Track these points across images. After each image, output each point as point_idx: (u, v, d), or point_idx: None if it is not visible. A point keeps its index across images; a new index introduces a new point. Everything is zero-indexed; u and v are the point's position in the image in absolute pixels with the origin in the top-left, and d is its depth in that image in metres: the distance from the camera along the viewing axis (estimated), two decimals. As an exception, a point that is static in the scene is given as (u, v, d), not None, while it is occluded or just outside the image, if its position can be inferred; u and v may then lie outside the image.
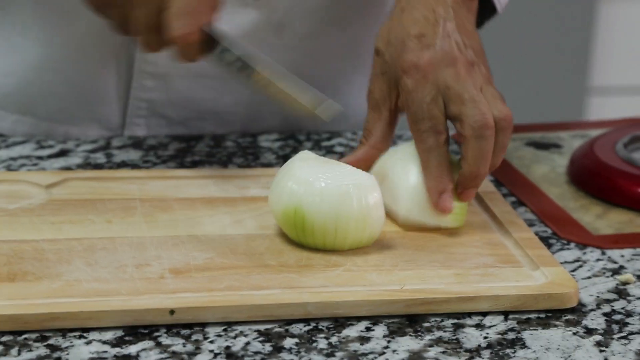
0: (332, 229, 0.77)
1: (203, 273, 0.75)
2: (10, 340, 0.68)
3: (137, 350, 0.68)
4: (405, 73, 0.82)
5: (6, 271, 0.73)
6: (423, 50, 0.81)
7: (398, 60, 0.82)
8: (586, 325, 0.73)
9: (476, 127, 0.79)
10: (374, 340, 0.70)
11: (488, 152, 0.80)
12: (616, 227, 0.88)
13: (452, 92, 0.80)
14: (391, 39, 0.84)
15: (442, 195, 0.81)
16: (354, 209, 0.77)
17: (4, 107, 1.03)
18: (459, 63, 0.81)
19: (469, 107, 0.79)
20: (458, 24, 0.83)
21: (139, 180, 0.89)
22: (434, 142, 0.81)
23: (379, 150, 0.86)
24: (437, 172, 0.81)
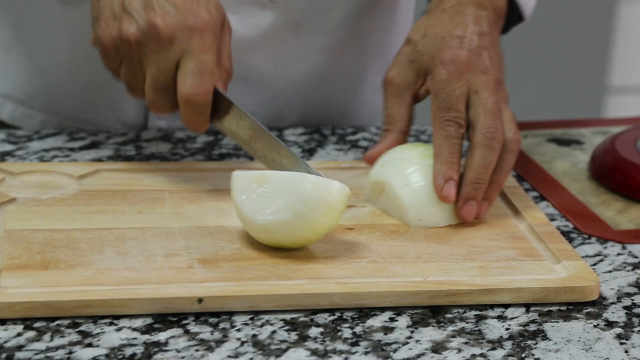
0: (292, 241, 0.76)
1: (231, 263, 0.75)
2: (43, 326, 0.68)
3: (166, 337, 0.68)
4: (443, 64, 0.83)
5: (39, 259, 0.74)
6: (462, 49, 0.83)
7: (436, 52, 0.84)
8: (607, 318, 0.73)
9: (487, 136, 0.80)
10: (398, 331, 0.70)
11: (491, 163, 0.81)
12: (637, 222, 0.87)
13: (479, 97, 0.82)
14: (429, 33, 0.85)
15: (448, 181, 0.80)
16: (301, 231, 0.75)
17: (32, 107, 1.04)
18: (490, 74, 0.83)
19: (487, 117, 0.81)
20: (492, 41, 0.86)
21: (168, 172, 0.89)
22: (453, 132, 0.81)
23: (406, 134, 0.86)
24: (449, 158, 0.81)
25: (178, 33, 0.79)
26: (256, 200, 0.75)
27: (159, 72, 0.80)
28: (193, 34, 0.79)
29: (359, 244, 0.79)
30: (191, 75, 0.79)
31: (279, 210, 0.74)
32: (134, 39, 0.79)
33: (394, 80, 0.86)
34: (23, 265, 0.73)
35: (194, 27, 0.79)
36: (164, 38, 0.79)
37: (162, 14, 0.79)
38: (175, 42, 0.79)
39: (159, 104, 0.82)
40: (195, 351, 0.67)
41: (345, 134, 1.04)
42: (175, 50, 0.79)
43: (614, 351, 0.69)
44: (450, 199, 0.80)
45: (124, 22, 0.79)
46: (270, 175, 0.75)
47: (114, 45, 0.81)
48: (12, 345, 0.67)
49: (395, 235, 0.80)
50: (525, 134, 1.06)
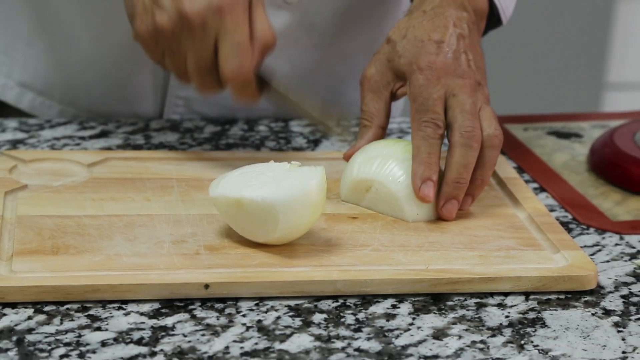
0: None
1: (237, 250, 0.74)
2: (53, 310, 0.68)
3: (173, 322, 0.68)
4: (420, 70, 0.83)
5: (50, 245, 0.74)
6: (440, 55, 0.83)
7: (414, 57, 0.83)
8: (604, 307, 0.73)
9: (465, 135, 0.80)
10: (400, 317, 0.70)
11: (471, 162, 0.80)
12: (634, 213, 0.87)
13: (456, 99, 0.82)
14: (408, 35, 0.85)
15: (426, 182, 0.80)
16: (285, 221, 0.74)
17: (51, 97, 1.04)
18: (467, 78, 0.83)
19: (465, 116, 0.81)
20: (472, 43, 0.85)
21: (176, 161, 0.89)
22: (431, 132, 0.81)
23: (384, 130, 0.86)
24: (427, 159, 0.80)
25: (208, 16, 0.78)
26: (242, 222, 0.74)
27: (199, 57, 0.80)
28: (223, 14, 0.78)
29: (362, 233, 0.78)
30: (229, 57, 0.79)
31: (267, 232, 0.73)
32: (168, 29, 0.79)
33: (372, 78, 0.86)
34: (34, 250, 0.73)
35: (222, 8, 0.78)
36: (196, 24, 0.78)
37: (189, 1, 0.78)
38: (207, 26, 0.78)
39: (206, 85, 0.82)
40: (202, 336, 0.67)
41: (349, 126, 1.03)
42: (208, 33, 0.78)
43: (611, 339, 0.69)
44: (429, 199, 0.80)
45: (156, 15, 0.79)
46: (244, 200, 0.72)
47: (153, 38, 0.80)
48: (23, 328, 0.66)
49: (398, 224, 0.80)
50: (526, 126, 1.05)
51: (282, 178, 0.74)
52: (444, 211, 0.80)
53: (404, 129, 1.02)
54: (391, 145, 0.83)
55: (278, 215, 0.72)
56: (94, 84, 1.02)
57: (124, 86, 1.02)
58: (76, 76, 1.02)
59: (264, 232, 0.73)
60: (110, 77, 1.02)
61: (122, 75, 1.02)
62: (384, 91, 0.86)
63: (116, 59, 1.01)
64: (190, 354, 0.65)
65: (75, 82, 1.03)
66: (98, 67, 1.01)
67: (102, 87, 1.03)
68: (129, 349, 0.65)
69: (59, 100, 1.04)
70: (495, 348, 0.67)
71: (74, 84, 1.03)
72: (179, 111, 1.03)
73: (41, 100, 1.04)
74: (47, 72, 1.03)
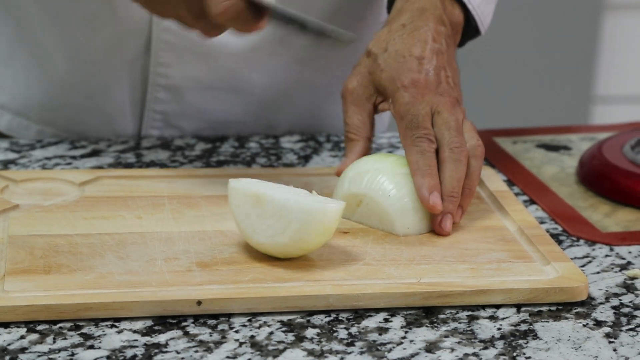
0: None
1: (229, 266, 0.74)
2: (46, 329, 0.68)
3: (166, 339, 0.68)
4: (404, 88, 0.83)
5: (42, 264, 0.73)
6: (422, 73, 0.84)
7: (397, 73, 0.84)
8: (595, 318, 0.73)
9: (454, 151, 0.81)
10: (392, 331, 0.70)
11: (462, 176, 0.81)
12: (624, 225, 0.87)
13: (441, 117, 0.83)
14: (389, 49, 0.85)
15: (433, 192, 0.80)
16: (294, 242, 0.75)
17: (28, 118, 1.04)
18: (448, 96, 0.84)
19: (452, 133, 0.82)
20: (448, 58, 0.86)
21: (167, 179, 0.89)
22: (427, 147, 0.82)
23: (370, 142, 0.86)
24: (428, 171, 0.81)
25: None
26: (252, 219, 0.75)
27: (187, 6, 0.78)
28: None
29: (354, 247, 0.78)
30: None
31: (275, 234, 0.74)
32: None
33: (354, 91, 0.86)
34: (26, 269, 0.73)
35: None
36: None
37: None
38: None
39: (207, 29, 0.80)
40: (195, 352, 0.67)
41: (339, 141, 1.04)
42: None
43: (602, 350, 0.69)
44: (438, 209, 0.80)
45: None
46: (265, 196, 0.74)
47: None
48: (16, 348, 0.66)
49: (389, 238, 0.80)
50: (515, 140, 1.06)
51: (303, 196, 0.75)
52: (442, 226, 0.81)
53: (394, 144, 1.03)
54: (382, 160, 0.83)
55: (293, 220, 0.72)
56: (71, 102, 1.02)
57: (101, 103, 1.02)
58: (53, 95, 1.02)
59: (272, 233, 0.73)
60: (87, 95, 1.02)
61: (99, 92, 1.01)
62: (366, 104, 0.86)
63: (92, 76, 1.00)
64: (183, 370, 0.65)
65: (53, 102, 1.03)
66: (74, 86, 1.01)
67: (79, 105, 1.02)
68: (122, 366, 0.65)
69: (36, 120, 1.04)
70: (487, 360, 0.67)
71: (51, 104, 1.03)
72: (157, 126, 1.03)
73: (19, 120, 1.04)
74: (25, 93, 1.03)
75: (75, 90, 1.02)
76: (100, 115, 1.03)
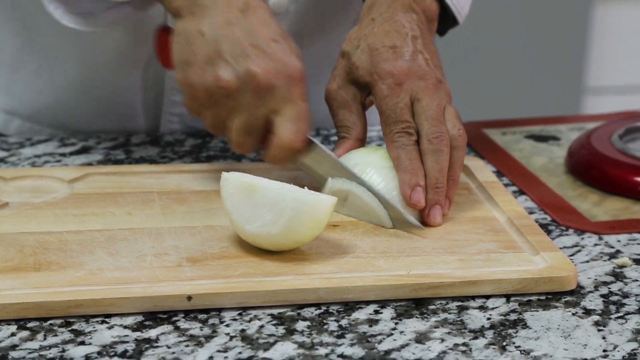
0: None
1: (219, 261, 0.75)
2: (36, 326, 0.68)
3: (157, 334, 0.68)
4: (381, 79, 0.83)
5: (32, 261, 0.73)
6: (397, 60, 0.83)
7: (372, 66, 0.83)
8: (585, 307, 0.73)
9: (433, 142, 0.81)
10: (382, 323, 0.70)
11: (444, 166, 0.81)
12: (612, 213, 0.88)
13: (420, 105, 0.82)
14: (361, 45, 0.85)
15: (415, 188, 0.80)
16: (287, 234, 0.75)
17: (39, 122, 1.03)
18: (429, 77, 0.83)
19: (430, 123, 0.81)
20: (425, 42, 0.85)
21: (156, 175, 0.89)
22: (406, 141, 0.81)
23: (362, 142, 0.86)
24: (410, 166, 0.81)
25: (278, 82, 0.78)
26: (244, 209, 0.75)
27: (253, 117, 0.79)
28: (293, 83, 0.78)
29: (344, 240, 0.78)
30: (293, 122, 0.79)
31: (267, 223, 0.74)
32: (232, 86, 0.78)
33: (337, 94, 0.86)
34: (16, 267, 0.73)
35: (293, 77, 0.78)
36: (264, 86, 0.78)
37: (259, 63, 0.77)
38: (275, 91, 0.78)
39: (246, 145, 0.81)
40: (186, 347, 0.67)
41: (329, 135, 1.04)
42: (275, 98, 0.78)
43: (592, 338, 0.69)
44: (421, 205, 0.80)
45: (221, 69, 0.78)
46: (258, 185, 0.74)
47: (207, 90, 0.79)
48: (6, 345, 0.66)
49: (379, 231, 0.80)
50: (504, 131, 1.06)
51: (297, 189, 0.75)
52: (430, 218, 0.81)
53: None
54: (370, 153, 0.83)
55: (286, 209, 0.72)
56: (83, 105, 1.02)
57: (113, 106, 1.02)
58: (64, 99, 1.02)
59: (263, 223, 0.73)
60: (100, 98, 1.01)
61: (111, 95, 1.01)
62: (353, 104, 0.86)
63: (104, 79, 1.00)
64: (174, 365, 0.65)
65: (64, 105, 1.02)
66: (86, 89, 1.01)
67: (91, 108, 1.02)
68: (113, 362, 0.65)
69: (48, 124, 1.03)
70: (477, 350, 0.67)
71: (63, 107, 1.02)
72: (174, 128, 1.03)
73: (29, 125, 1.04)
74: (35, 97, 1.02)
75: (86, 94, 1.01)
76: (113, 117, 1.02)
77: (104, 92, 1.01)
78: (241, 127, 0.80)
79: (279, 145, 0.80)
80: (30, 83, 1.02)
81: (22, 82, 1.02)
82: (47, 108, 1.03)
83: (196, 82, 0.79)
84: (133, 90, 1.01)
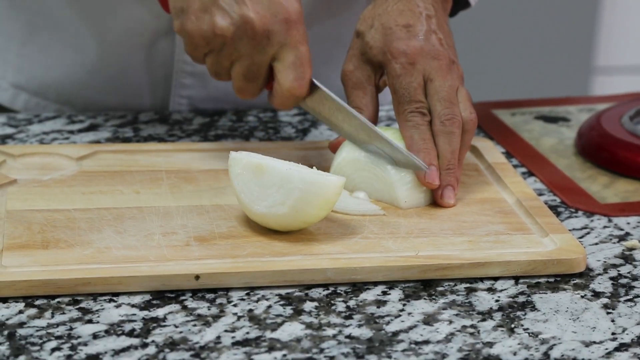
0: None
1: (227, 240, 0.74)
2: (44, 304, 0.68)
3: (164, 313, 0.68)
4: (395, 58, 0.82)
5: (40, 239, 0.73)
6: (411, 39, 0.82)
7: (386, 45, 0.83)
8: (594, 289, 0.73)
9: (446, 124, 0.80)
10: (390, 304, 0.70)
11: (456, 147, 0.80)
12: (622, 196, 0.87)
13: (433, 86, 0.81)
14: (375, 24, 0.84)
15: (429, 167, 0.80)
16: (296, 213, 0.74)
17: (46, 98, 1.03)
18: (442, 58, 0.82)
19: (443, 104, 0.81)
20: (439, 22, 0.84)
21: (165, 153, 0.89)
22: (420, 120, 0.81)
23: (374, 123, 0.85)
24: (424, 145, 0.80)
25: (274, 27, 0.77)
26: (252, 189, 0.74)
27: (253, 64, 0.78)
28: (290, 27, 0.77)
29: (352, 221, 0.78)
30: (292, 68, 0.78)
31: (275, 204, 0.73)
32: (228, 33, 0.77)
33: (352, 75, 0.85)
34: (24, 244, 0.72)
35: (290, 20, 0.77)
36: (260, 32, 0.77)
37: (255, 8, 0.77)
38: (272, 36, 0.77)
39: (247, 90, 0.81)
40: (193, 326, 0.66)
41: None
42: (272, 43, 0.77)
43: (600, 320, 0.69)
44: (435, 184, 0.80)
45: (216, 16, 0.77)
46: (266, 166, 0.74)
47: (204, 38, 0.78)
48: (14, 323, 0.66)
49: (387, 211, 0.80)
50: (514, 112, 1.05)
51: (306, 169, 0.74)
52: (444, 199, 0.80)
53: (392, 117, 1.02)
54: None
55: (294, 190, 0.72)
56: (91, 82, 1.02)
57: (120, 84, 1.01)
58: (71, 75, 1.01)
59: (271, 203, 0.73)
60: (107, 75, 1.01)
61: (118, 73, 1.01)
62: (367, 86, 0.85)
63: (112, 56, 1.00)
64: (181, 344, 0.65)
65: (71, 82, 1.02)
66: (95, 66, 1.00)
67: (98, 85, 1.02)
68: (120, 340, 0.65)
69: (55, 99, 1.03)
70: (485, 332, 0.67)
71: (70, 83, 1.02)
72: (182, 109, 1.03)
73: (36, 100, 1.03)
74: (42, 73, 1.02)
75: (95, 71, 1.01)
76: (121, 95, 1.02)
77: (112, 69, 1.00)
78: (241, 74, 0.79)
79: (280, 92, 0.79)
80: (39, 58, 1.02)
81: (31, 57, 1.02)
82: (55, 84, 1.02)
83: (193, 30, 0.78)
84: (141, 70, 1.00)
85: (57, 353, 0.63)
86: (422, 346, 0.65)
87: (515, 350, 0.65)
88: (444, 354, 0.64)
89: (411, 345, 0.65)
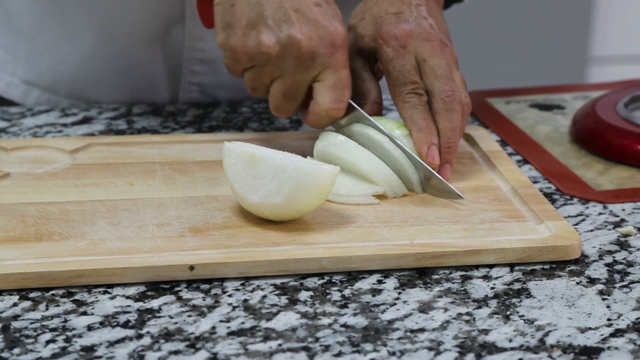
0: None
1: (221, 231, 0.74)
2: (38, 296, 0.68)
3: (159, 304, 0.68)
4: (385, 42, 0.82)
5: (34, 231, 0.73)
6: (401, 24, 0.82)
7: (376, 31, 0.83)
8: (589, 275, 0.73)
9: (446, 100, 0.80)
10: (386, 292, 0.70)
11: (457, 125, 0.80)
12: (617, 182, 0.87)
13: (427, 65, 0.81)
14: (366, 16, 0.85)
15: (430, 146, 0.80)
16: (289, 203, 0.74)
17: (58, 93, 1.03)
18: (433, 39, 0.82)
19: (441, 82, 0.81)
20: (430, 10, 0.85)
21: (158, 145, 0.88)
22: (417, 101, 0.81)
23: (379, 105, 0.85)
24: (424, 124, 0.80)
25: (320, 49, 0.78)
26: (246, 179, 0.74)
27: (294, 83, 0.79)
28: (335, 51, 0.78)
29: (347, 210, 0.78)
30: (332, 89, 0.79)
31: (269, 193, 0.73)
32: (273, 51, 0.78)
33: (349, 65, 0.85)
34: (17, 237, 0.72)
35: (335, 44, 0.78)
36: (305, 53, 0.77)
37: (303, 30, 0.77)
38: (317, 58, 0.78)
39: (285, 109, 0.81)
40: (188, 317, 0.66)
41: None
42: (315, 65, 0.78)
43: (596, 307, 0.69)
44: (436, 163, 0.80)
45: (263, 34, 0.78)
46: (260, 155, 0.74)
47: (248, 54, 0.79)
48: (8, 315, 0.66)
49: (382, 200, 0.80)
50: (508, 100, 1.05)
51: (300, 159, 0.74)
52: (441, 174, 0.80)
53: (387, 106, 1.02)
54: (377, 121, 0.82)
55: (288, 179, 0.72)
56: (103, 76, 1.01)
57: (133, 76, 1.01)
58: (82, 70, 1.01)
59: (266, 193, 0.73)
60: (118, 69, 1.01)
61: (130, 66, 1.01)
62: (363, 72, 0.85)
63: (123, 50, 1.00)
64: (177, 335, 0.65)
65: (82, 76, 1.02)
66: (105, 60, 1.00)
67: (111, 79, 1.01)
68: (115, 332, 0.65)
69: (66, 95, 1.03)
70: (481, 319, 0.67)
71: (81, 78, 1.02)
72: (193, 96, 1.03)
73: (48, 96, 1.03)
74: (53, 68, 1.02)
75: (105, 64, 1.00)
76: (132, 88, 1.02)
77: (123, 62, 1.00)
78: (281, 92, 0.80)
79: (317, 112, 0.80)
80: (49, 54, 1.01)
81: (42, 53, 1.02)
82: (66, 79, 1.02)
83: (238, 46, 0.79)
84: (152, 61, 1.00)
85: (51, 345, 0.63)
86: (417, 334, 0.65)
87: (510, 337, 0.65)
88: (440, 342, 0.64)
89: (407, 334, 0.65)
